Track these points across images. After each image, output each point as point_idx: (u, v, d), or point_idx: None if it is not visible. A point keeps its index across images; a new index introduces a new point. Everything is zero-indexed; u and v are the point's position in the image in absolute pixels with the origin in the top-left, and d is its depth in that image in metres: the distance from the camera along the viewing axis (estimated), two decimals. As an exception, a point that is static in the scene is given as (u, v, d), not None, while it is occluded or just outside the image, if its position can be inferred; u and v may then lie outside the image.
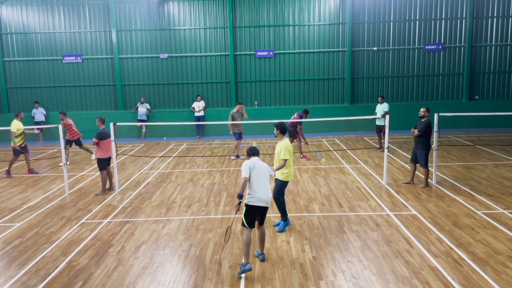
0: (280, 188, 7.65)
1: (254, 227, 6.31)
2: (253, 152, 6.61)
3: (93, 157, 14.69)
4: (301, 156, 13.83)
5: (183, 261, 6.64)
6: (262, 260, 6.49)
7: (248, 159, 6.55)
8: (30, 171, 13.16)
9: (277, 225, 7.90)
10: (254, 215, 6.25)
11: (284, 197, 7.81)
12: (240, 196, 6.10)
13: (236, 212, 6.31)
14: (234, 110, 14.25)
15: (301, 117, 13.20)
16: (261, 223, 6.44)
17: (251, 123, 17.25)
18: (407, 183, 10.63)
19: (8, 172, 12.83)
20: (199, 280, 6.02)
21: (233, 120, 13.99)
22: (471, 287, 5.63)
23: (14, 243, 7.57)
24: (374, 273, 6.06)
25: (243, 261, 6.18)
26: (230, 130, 14.30)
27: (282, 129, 7.51)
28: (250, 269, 6.08)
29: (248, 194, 6.24)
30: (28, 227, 8.37)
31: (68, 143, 14.05)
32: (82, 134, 14.53)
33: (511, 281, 5.74)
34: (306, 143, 13.87)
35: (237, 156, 14.68)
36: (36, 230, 8.15)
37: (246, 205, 6.23)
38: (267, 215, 6.65)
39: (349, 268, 6.25)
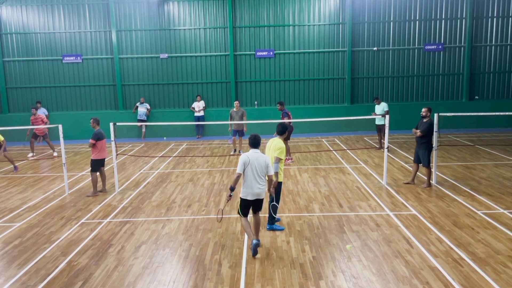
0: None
1: (247, 215, 6.83)
2: (252, 142, 6.77)
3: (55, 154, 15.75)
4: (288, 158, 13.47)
5: (183, 261, 6.64)
6: (256, 246, 6.57)
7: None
8: None
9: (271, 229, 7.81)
10: (247, 207, 6.77)
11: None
12: (232, 189, 6.59)
13: (227, 201, 6.85)
14: (234, 108, 15.11)
15: (286, 114, 12.83)
16: (255, 211, 6.85)
17: (251, 123, 17.22)
18: (407, 183, 10.62)
19: None
20: (199, 280, 6.02)
21: (230, 117, 15.04)
22: (471, 287, 5.63)
23: (14, 243, 7.57)
24: (374, 273, 6.06)
25: (249, 241, 6.73)
26: (229, 126, 15.23)
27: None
28: (257, 244, 6.56)
29: (242, 187, 6.69)
30: (28, 227, 8.37)
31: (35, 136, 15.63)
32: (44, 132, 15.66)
33: (511, 281, 5.74)
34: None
35: (235, 151, 15.28)
36: (36, 230, 8.15)
37: (240, 198, 6.74)
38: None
39: (349, 268, 6.25)
